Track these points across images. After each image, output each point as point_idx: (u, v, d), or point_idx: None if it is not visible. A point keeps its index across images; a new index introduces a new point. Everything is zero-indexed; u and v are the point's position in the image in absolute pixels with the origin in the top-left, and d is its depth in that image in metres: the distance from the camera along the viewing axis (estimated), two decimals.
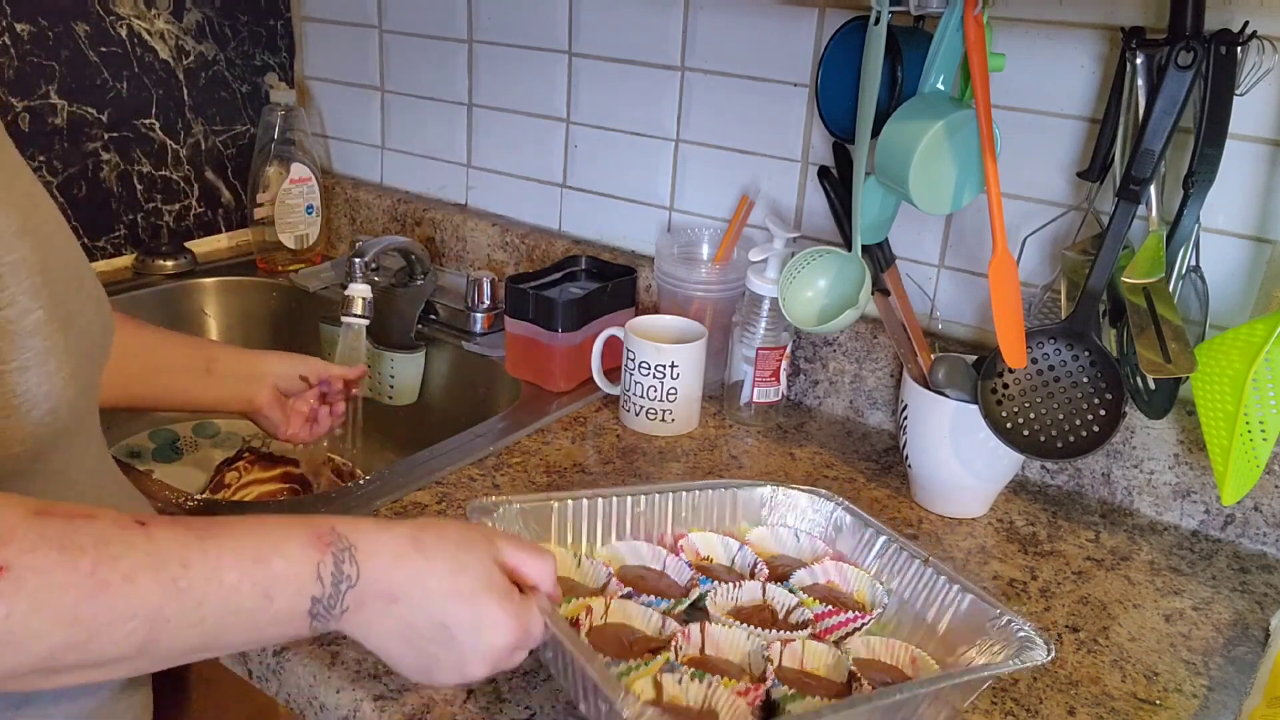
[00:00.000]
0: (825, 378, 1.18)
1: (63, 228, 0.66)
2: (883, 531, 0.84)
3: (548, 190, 1.39)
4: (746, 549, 0.84)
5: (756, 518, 0.88)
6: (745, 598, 0.78)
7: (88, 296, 0.66)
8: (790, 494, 0.89)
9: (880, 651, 0.75)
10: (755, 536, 0.87)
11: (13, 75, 1.26)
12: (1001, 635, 0.73)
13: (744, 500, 0.88)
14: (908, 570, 0.81)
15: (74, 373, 0.61)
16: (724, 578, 0.81)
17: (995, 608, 0.74)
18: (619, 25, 1.25)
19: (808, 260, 1.01)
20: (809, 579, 0.81)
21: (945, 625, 0.77)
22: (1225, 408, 0.83)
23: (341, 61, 1.54)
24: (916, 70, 0.93)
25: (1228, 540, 0.98)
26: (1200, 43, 0.80)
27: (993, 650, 0.73)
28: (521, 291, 1.16)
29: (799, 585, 0.80)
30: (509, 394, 1.21)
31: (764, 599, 0.78)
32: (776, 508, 0.89)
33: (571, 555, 0.79)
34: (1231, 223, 0.93)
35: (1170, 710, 0.75)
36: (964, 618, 0.76)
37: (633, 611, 0.74)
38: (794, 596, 0.78)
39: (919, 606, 0.79)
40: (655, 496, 0.84)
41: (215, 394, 1.02)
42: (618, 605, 0.74)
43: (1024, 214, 1.02)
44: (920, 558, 0.80)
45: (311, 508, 0.91)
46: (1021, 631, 0.72)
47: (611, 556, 0.81)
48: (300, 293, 1.43)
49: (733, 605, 0.77)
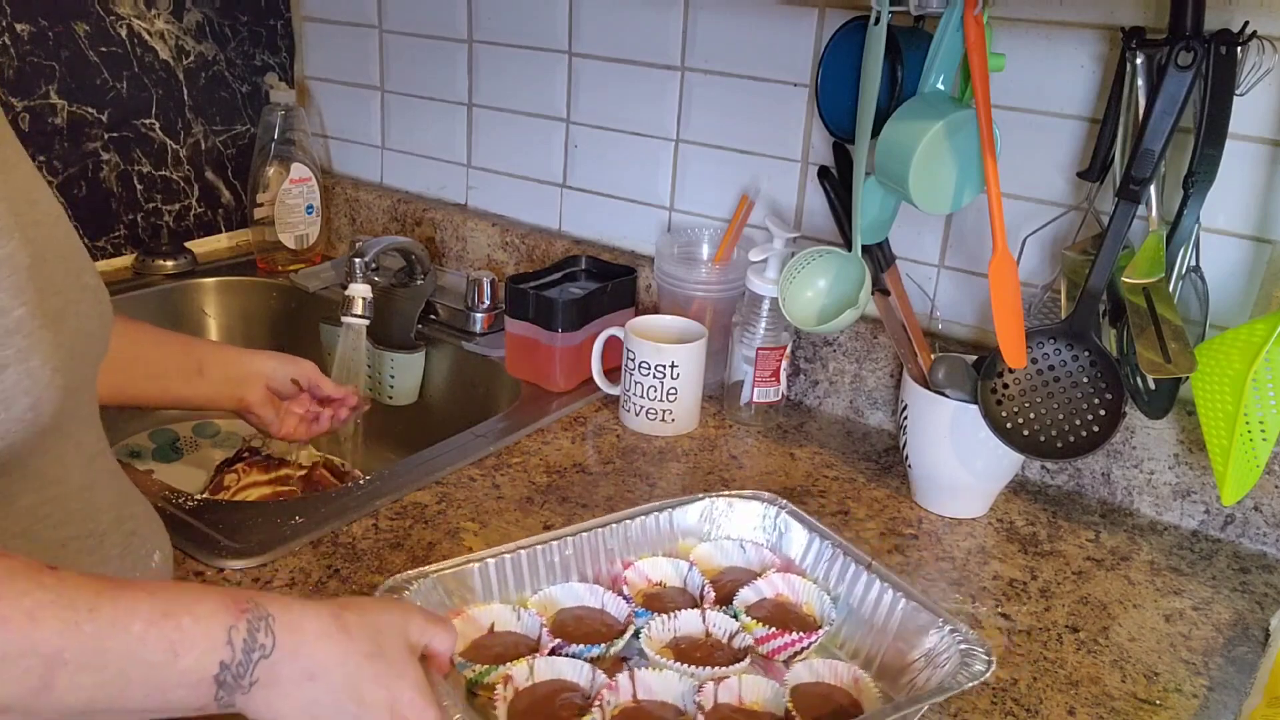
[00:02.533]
0: (825, 378, 1.18)
1: (61, 220, 0.66)
2: (827, 536, 0.83)
3: (548, 190, 1.39)
4: (695, 570, 0.82)
5: (699, 533, 0.86)
6: (684, 628, 0.76)
7: (84, 289, 0.66)
8: (731, 503, 0.87)
9: (824, 673, 0.74)
10: (700, 553, 0.84)
11: (13, 75, 1.26)
12: (945, 645, 0.72)
13: (679, 519, 0.86)
14: (854, 577, 0.80)
15: (60, 369, 0.60)
16: (678, 602, 0.79)
17: (938, 615, 0.74)
18: (619, 25, 1.25)
19: (808, 260, 1.01)
20: (754, 596, 0.80)
21: (893, 633, 0.76)
22: (1225, 408, 0.83)
23: (341, 61, 1.54)
24: (916, 70, 0.93)
25: (1228, 540, 0.98)
26: (1200, 43, 0.79)
27: (937, 662, 0.72)
28: (521, 291, 1.16)
29: (744, 604, 0.79)
30: (509, 394, 1.21)
31: (704, 627, 0.76)
32: (717, 520, 0.87)
33: (511, 610, 0.75)
34: (1231, 223, 0.93)
35: (1170, 710, 0.75)
36: (910, 625, 0.76)
37: (562, 667, 0.71)
38: (735, 622, 0.76)
39: (867, 614, 0.78)
40: (584, 536, 0.81)
41: (206, 393, 1.02)
42: (545, 664, 0.71)
43: (1024, 214, 1.02)
44: (864, 564, 0.79)
45: (312, 508, 0.91)
46: (964, 644, 0.71)
47: (545, 603, 0.78)
48: (300, 293, 1.43)
49: (670, 638, 0.75)
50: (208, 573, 0.82)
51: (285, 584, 0.82)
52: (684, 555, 0.84)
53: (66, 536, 0.66)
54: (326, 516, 0.90)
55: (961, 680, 0.68)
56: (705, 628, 0.77)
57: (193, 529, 0.87)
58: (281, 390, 1.06)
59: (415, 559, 0.85)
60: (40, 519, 0.64)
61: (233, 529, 0.87)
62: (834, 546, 0.82)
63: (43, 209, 0.64)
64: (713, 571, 0.83)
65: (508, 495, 0.97)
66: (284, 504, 0.94)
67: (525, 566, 0.79)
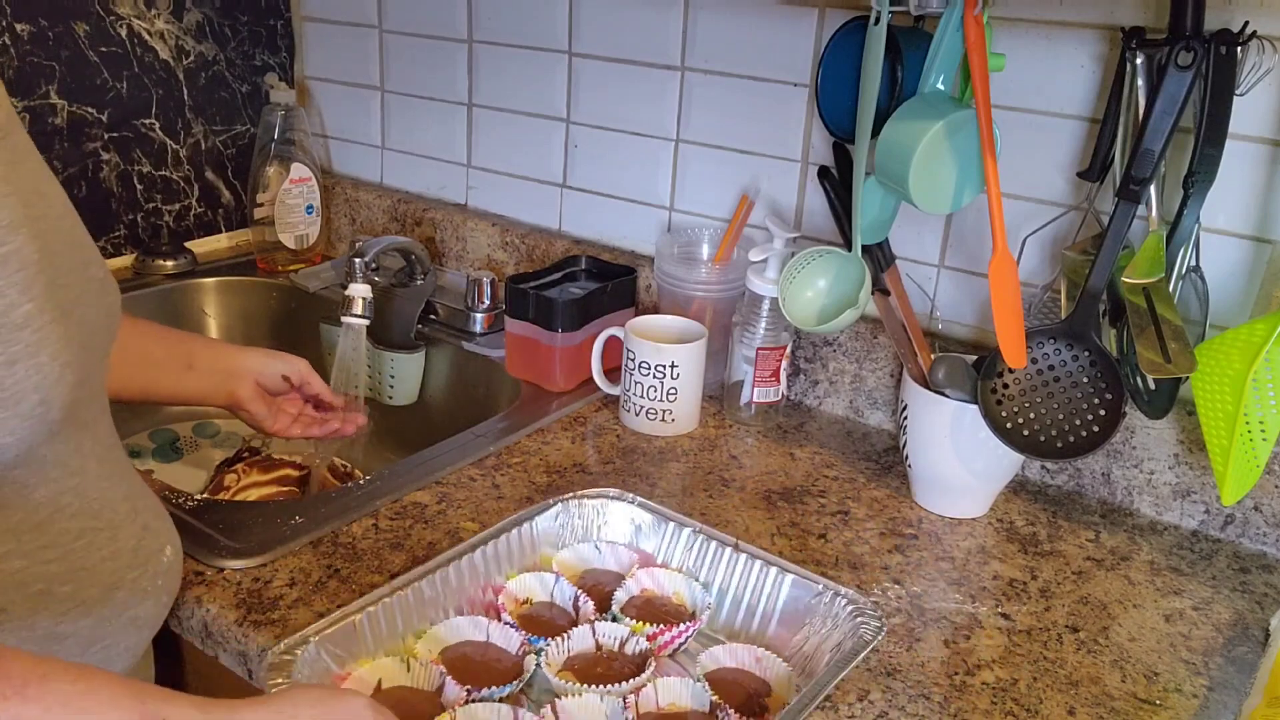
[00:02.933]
0: (825, 378, 1.18)
1: (69, 213, 0.66)
2: (686, 523, 0.83)
3: (548, 190, 1.39)
4: (562, 580, 0.81)
5: (555, 540, 0.86)
6: (577, 646, 0.75)
7: (91, 281, 0.66)
8: (580, 504, 0.86)
9: (724, 659, 0.74)
10: (560, 561, 0.84)
11: (13, 75, 1.26)
12: (829, 612, 0.74)
13: (538, 530, 0.84)
14: (721, 560, 0.80)
15: (70, 362, 0.60)
16: (551, 618, 0.78)
17: (816, 582, 0.75)
18: (619, 25, 1.25)
19: (808, 260, 1.01)
20: (625, 596, 0.80)
21: (777, 610, 0.77)
22: (1225, 408, 0.83)
23: (341, 61, 1.54)
24: (916, 70, 0.93)
25: (1228, 540, 0.98)
26: (1200, 43, 0.79)
27: (822, 633, 0.73)
28: (521, 291, 1.16)
29: (618, 606, 0.78)
30: (509, 394, 1.21)
31: (595, 640, 0.75)
32: (569, 523, 0.86)
33: (399, 662, 0.71)
34: (1231, 223, 0.93)
35: (1170, 710, 0.75)
36: (790, 598, 0.77)
37: (481, 714, 0.67)
38: (624, 627, 0.76)
39: (744, 596, 0.79)
40: (447, 570, 0.77)
41: (196, 388, 1.02)
42: (464, 715, 0.67)
43: (1024, 214, 1.02)
44: (729, 544, 0.80)
45: (312, 508, 0.92)
46: (850, 605, 0.72)
47: (430, 644, 0.74)
48: (300, 293, 1.43)
49: (566, 658, 0.74)
50: (208, 573, 0.82)
51: (285, 584, 0.82)
52: (546, 566, 0.83)
53: (83, 528, 0.66)
54: (326, 516, 0.90)
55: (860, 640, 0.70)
56: (595, 640, 0.75)
57: (193, 529, 0.87)
58: (271, 386, 1.06)
59: (415, 559, 0.85)
60: (59, 509, 0.64)
61: (233, 529, 0.87)
62: (697, 533, 0.83)
63: (51, 202, 0.64)
64: (575, 576, 0.83)
65: (508, 495, 0.97)
66: (284, 504, 0.94)
67: (398, 610, 0.74)
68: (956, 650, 0.80)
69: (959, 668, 0.78)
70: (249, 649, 0.76)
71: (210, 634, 0.79)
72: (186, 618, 0.80)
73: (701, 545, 0.83)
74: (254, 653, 0.76)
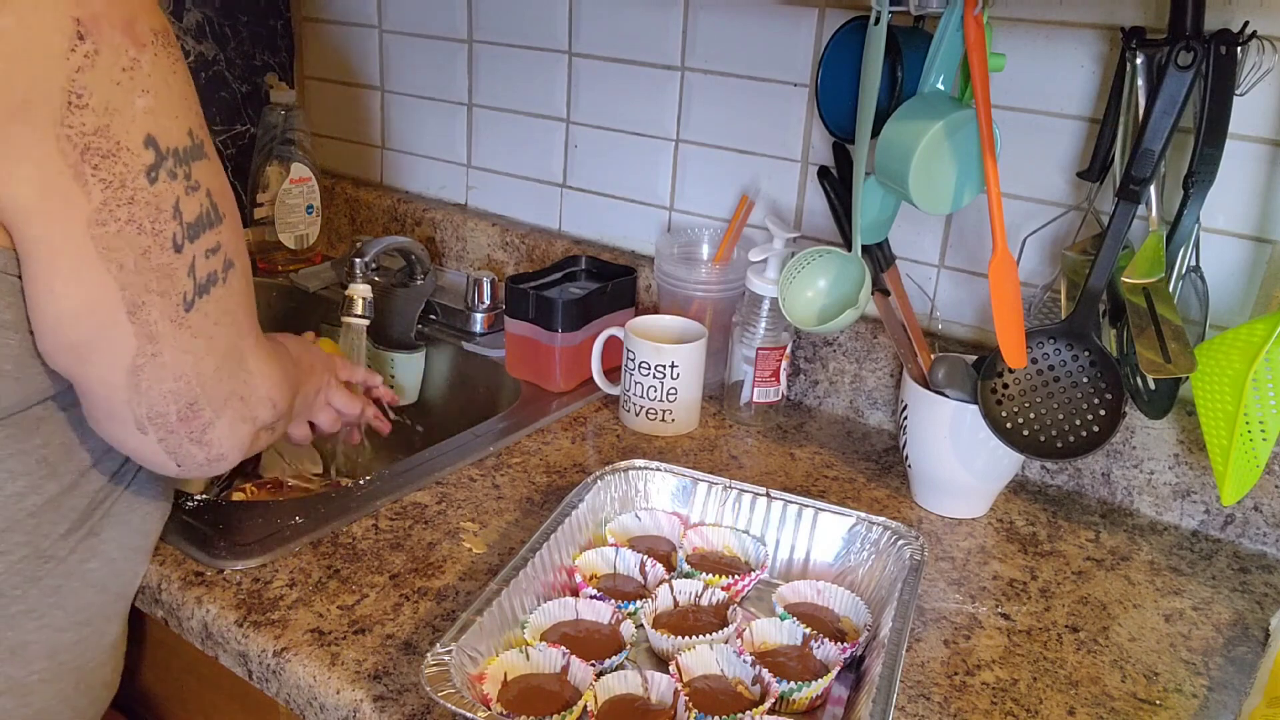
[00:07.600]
0: (825, 378, 1.18)
1: None
2: (715, 481, 0.88)
3: (548, 190, 1.39)
4: (623, 550, 0.83)
5: (599, 517, 0.88)
6: (660, 606, 0.78)
7: None
8: (613, 478, 0.89)
9: (791, 596, 0.80)
10: (614, 531, 0.86)
11: None
12: (867, 541, 0.83)
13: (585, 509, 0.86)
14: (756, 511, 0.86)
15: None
16: (624, 586, 0.81)
17: (850, 515, 0.82)
18: (619, 25, 1.25)
19: (808, 260, 1.01)
20: (681, 555, 0.83)
21: (818, 547, 0.85)
22: (1225, 408, 0.83)
23: (341, 61, 1.54)
24: (916, 70, 0.93)
25: (1228, 540, 0.98)
26: (1200, 43, 0.79)
27: (869, 561, 0.82)
28: (521, 291, 1.16)
29: (685, 563, 0.83)
30: (509, 394, 1.21)
31: (674, 598, 0.79)
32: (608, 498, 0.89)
33: (519, 653, 0.72)
34: (1231, 223, 0.93)
35: (1170, 710, 0.75)
36: (828, 535, 0.85)
37: (618, 685, 0.70)
38: (698, 582, 0.79)
39: (784, 539, 0.86)
40: (533, 560, 0.78)
41: None
42: (603, 688, 0.69)
43: (1024, 214, 1.02)
44: (760, 493, 0.86)
45: (312, 508, 0.92)
46: (887, 531, 0.82)
47: (532, 633, 0.75)
48: (300, 293, 1.43)
49: (653, 618, 0.77)
50: (208, 573, 0.82)
51: (285, 584, 0.82)
52: (600, 542, 0.86)
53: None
54: (326, 516, 0.90)
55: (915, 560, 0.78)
56: (674, 597, 0.79)
57: (193, 529, 0.87)
58: None
59: (415, 559, 0.85)
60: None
61: (233, 529, 0.87)
62: (726, 488, 0.88)
63: None
64: (625, 542, 0.86)
65: (508, 495, 0.97)
66: (284, 504, 0.94)
67: (501, 606, 0.74)
68: (956, 650, 0.80)
69: (959, 668, 0.78)
70: (249, 650, 0.76)
71: (210, 635, 0.79)
72: (186, 618, 0.80)
73: (735, 500, 0.88)
74: (254, 653, 0.76)
